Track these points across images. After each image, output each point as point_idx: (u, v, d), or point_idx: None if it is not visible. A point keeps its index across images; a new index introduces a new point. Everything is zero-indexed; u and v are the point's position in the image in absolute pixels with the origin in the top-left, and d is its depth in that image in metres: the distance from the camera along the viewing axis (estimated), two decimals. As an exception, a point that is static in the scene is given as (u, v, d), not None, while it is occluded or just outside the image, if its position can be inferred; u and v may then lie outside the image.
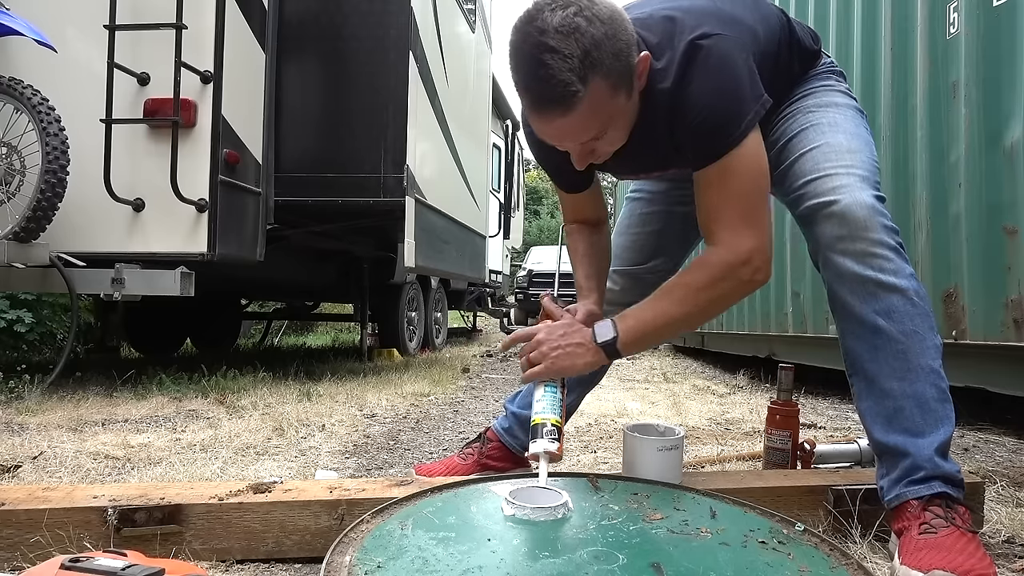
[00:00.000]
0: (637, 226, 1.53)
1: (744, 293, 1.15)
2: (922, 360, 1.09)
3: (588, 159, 1.13)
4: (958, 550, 0.98)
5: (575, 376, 1.23)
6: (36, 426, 2.28)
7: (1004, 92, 1.96)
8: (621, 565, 0.88)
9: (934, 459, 1.07)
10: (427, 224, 3.72)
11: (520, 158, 9.91)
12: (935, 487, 1.05)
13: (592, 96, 0.99)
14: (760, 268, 1.11)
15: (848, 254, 1.10)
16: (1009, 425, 2.47)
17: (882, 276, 1.09)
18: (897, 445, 1.09)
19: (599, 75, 0.98)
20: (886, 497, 1.10)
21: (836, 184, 1.13)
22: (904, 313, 1.09)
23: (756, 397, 3.23)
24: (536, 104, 1.02)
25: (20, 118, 2.87)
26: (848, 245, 1.10)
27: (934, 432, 1.08)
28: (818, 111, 1.25)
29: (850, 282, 1.11)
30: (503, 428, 1.55)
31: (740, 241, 1.09)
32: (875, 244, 1.09)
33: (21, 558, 1.07)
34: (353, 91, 3.59)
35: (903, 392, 1.09)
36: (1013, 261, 1.91)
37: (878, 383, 1.11)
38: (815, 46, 1.32)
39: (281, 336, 8.83)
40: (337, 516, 1.14)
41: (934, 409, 1.09)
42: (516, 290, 12.95)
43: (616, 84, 1.02)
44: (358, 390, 3.26)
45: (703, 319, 1.21)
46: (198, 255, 3.00)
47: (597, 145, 1.10)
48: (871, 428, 1.13)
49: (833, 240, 1.11)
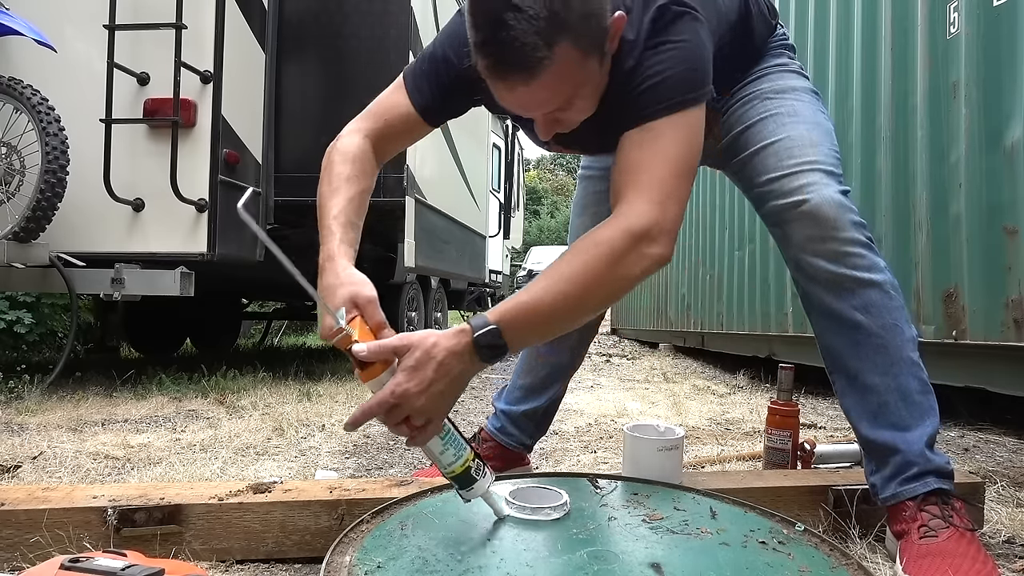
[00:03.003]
0: (594, 205, 1.45)
1: (643, 270, 0.94)
2: (903, 353, 1.08)
3: (553, 128, 1.01)
4: (960, 555, 0.98)
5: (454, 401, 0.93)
6: (36, 426, 2.28)
7: (1004, 92, 1.96)
8: (621, 565, 0.88)
9: (924, 453, 1.06)
10: (427, 224, 3.72)
11: (520, 158, 9.90)
12: (930, 483, 1.05)
13: (559, 63, 0.87)
14: (659, 242, 0.93)
15: (820, 254, 1.09)
16: (1009, 425, 2.47)
17: (857, 273, 1.08)
18: (886, 441, 1.08)
19: (568, 39, 0.87)
20: (880, 495, 1.10)
21: (803, 183, 1.10)
22: (882, 307, 1.08)
23: (756, 397, 3.23)
24: (495, 69, 0.89)
25: (20, 118, 2.87)
26: (820, 246, 1.09)
27: (921, 425, 1.07)
28: (776, 98, 1.21)
29: (825, 281, 1.10)
30: (496, 428, 1.57)
31: (647, 209, 0.93)
32: (847, 243, 1.08)
33: (21, 558, 1.07)
34: (353, 91, 3.58)
35: (887, 386, 1.08)
36: (1013, 261, 1.91)
37: (860, 379, 1.10)
38: (772, 19, 1.28)
39: (281, 336, 8.83)
40: (337, 516, 1.14)
41: (918, 402, 1.08)
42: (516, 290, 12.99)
43: (587, 49, 0.90)
44: (358, 390, 3.25)
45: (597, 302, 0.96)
46: (198, 255, 3.00)
47: (564, 115, 0.98)
48: (857, 425, 1.12)
49: (804, 241, 1.10)
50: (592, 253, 0.92)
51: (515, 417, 1.54)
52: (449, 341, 0.88)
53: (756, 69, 1.26)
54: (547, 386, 1.53)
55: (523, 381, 1.54)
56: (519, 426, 1.54)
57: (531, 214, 27.97)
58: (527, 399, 1.54)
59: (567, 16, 0.86)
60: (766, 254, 3.74)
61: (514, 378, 1.57)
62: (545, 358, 1.52)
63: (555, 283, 0.92)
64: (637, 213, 0.94)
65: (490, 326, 0.89)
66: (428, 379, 0.87)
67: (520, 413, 1.53)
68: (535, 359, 1.53)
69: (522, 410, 1.53)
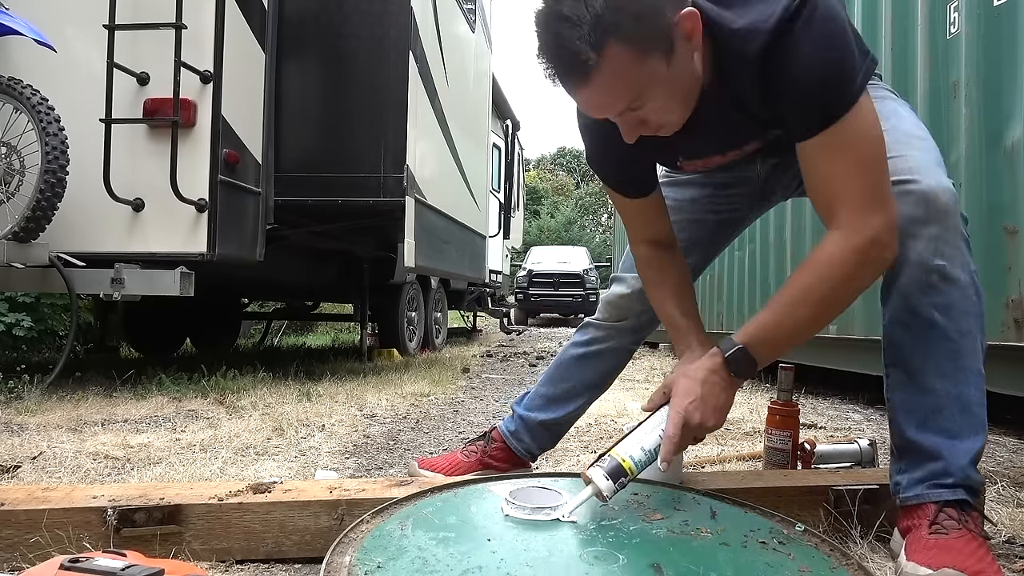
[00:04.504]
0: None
1: (875, 277, 1.03)
2: (972, 362, 1.03)
3: (637, 131, 1.02)
4: (968, 553, 0.97)
5: None
6: (35, 426, 2.27)
7: (1005, 92, 1.96)
8: (621, 565, 0.88)
9: (966, 468, 1.02)
10: (427, 224, 3.72)
11: (520, 158, 9.90)
12: (959, 494, 1.02)
13: (610, 64, 0.91)
14: (889, 246, 0.99)
15: (920, 238, 1.01)
16: (1010, 425, 2.47)
17: (949, 267, 1.01)
18: (931, 446, 1.04)
19: (615, 40, 0.89)
20: (903, 494, 1.06)
21: (912, 164, 1.04)
22: (962, 311, 1.03)
23: (756, 397, 3.23)
24: (556, 77, 0.96)
25: (20, 118, 2.87)
26: (922, 229, 1.01)
27: (972, 438, 1.03)
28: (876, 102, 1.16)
29: (913, 267, 1.02)
30: (509, 431, 1.55)
31: (869, 220, 0.96)
32: (952, 232, 1.02)
33: (20, 558, 1.07)
34: (353, 91, 3.58)
35: (947, 392, 1.03)
36: (1013, 261, 1.91)
37: (919, 378, 1.05)
38: None
39: (281, 336, 8.83)
40: (337, 516, 1.14)
41: (976, 414, 1.04)
42: (516, 290, 12.97)
43: (643, 48, 0.92)
44: (358, 390, 3.26)
45: (834, 315, 1.07)
46: (198, 255, 3.00)
47: (645, 115, 1.00)
48: (903, 423, 1.07)
49: (907, 221, 1.01)
50: (826, 274, 1.00)
51: (531, 425, 1.53)
52: (704, 363, 1.05)
53: None
54: (568, 399, 1.53)
55: (545, 390, 1.54)
56: (532, 434, 1.53)
57: (531, 214, 27.96)
58: (546, 408, 1.53)
59: (613, 18, 0.88)
60: (766, 254, 3.74)
61: (538, 386, 1.56)
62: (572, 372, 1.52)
63: (793, 306, 1.03)
64: (856, 228, 0.97)
65: (737, 346, 1.03)
66: (703, 400, 1.02)
67: (537, 422, 1.52)
68: (561, 371, 1.53)
69: (540, 419, 1.52)
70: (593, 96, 0.97)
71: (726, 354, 1.03)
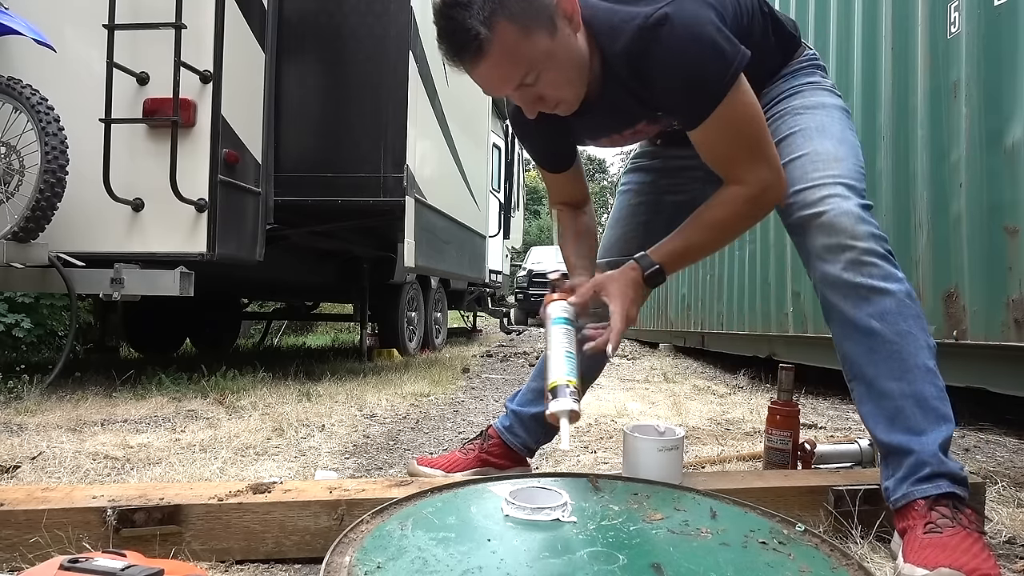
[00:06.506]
0: (627, 218, 1.55)
1: (765, 215, 1.23)
2: (918, 360, 1.10)
3: (537, 106, 1.15)
4: (964, 549, 0.98)
5: None
6: (35, 426, 2.27)
7: (1005, 92, 1.96)
8: (621, 565, 0.88)
9: (938, 455, 1.07)
10: (427, 224, 3.72)
11: (520, 158, 9.89)
12: (942, 486, 1.05)
13: (500, 39, 1.02)
14: (775, 188, 1.17)
15: (838, 262, 1.12)
16: (1010, 425, 2.47)
17: (872, 281, 1.11)
18: (900, 444, 1.09)
19: (504, 18, 1.02)
20: (892, 497, 1.10)
21: (823, 195, 1.15)
22: (896, 314, 1.10)
23: (756, 397, 3.23)
24: (451, 56, 1.06)
25: (19, 118, 2.87)
26: (837, 254, 1.12)
27: (936, 429, 1.08)
28: (806, 114, 1.27)
29: (842, 288, 1.13)
30: (504, 426, 1.57)
31: (758, 174, 1.15)
32: (863, 252, 1.11)
33: (20, 559, 1.07)
34: (353, 91, 3.58)
35: (902, 392, 1.10)
36: (1014, 261, 1.91)
37: (876, 385, 1.12)
38: (794, 32, 1.33)
39: (281, 336, 8.83)
40: (337, 516, 1.14)
41: (934, 407, 1.09)
42: (516, 290, 12.96)
43: (528, 25, 1.04)
44: (358, 390, 3.25)
45: (726, 243, 1.31)
46: (198, 255, 3.00)
47: (540, 90, 1.12)
48: (874, 430, 1.13)
49: (822, 249, 1.14)
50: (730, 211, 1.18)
51: (524, 419, 1.55)
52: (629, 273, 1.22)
53: (788, 87, 1.32)
54: None
55: (536, 384, 1.55)
56: (527, 428, 1.55)
57: (531, 214, 27.93)
58: (538, 401, 1.54)
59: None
60: (766, 254, 3.74)
61: (529, 381, 1.58)
62: None
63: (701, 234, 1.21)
64: (749, 182, 1.15)
65: (655, 266, 1.21)
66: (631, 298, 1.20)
67: (530, 415, 1.54)
68: None
69: (532, 412, 1.54)
70: (490, 70, 1.07)
71: (645, 272, 1.21)
